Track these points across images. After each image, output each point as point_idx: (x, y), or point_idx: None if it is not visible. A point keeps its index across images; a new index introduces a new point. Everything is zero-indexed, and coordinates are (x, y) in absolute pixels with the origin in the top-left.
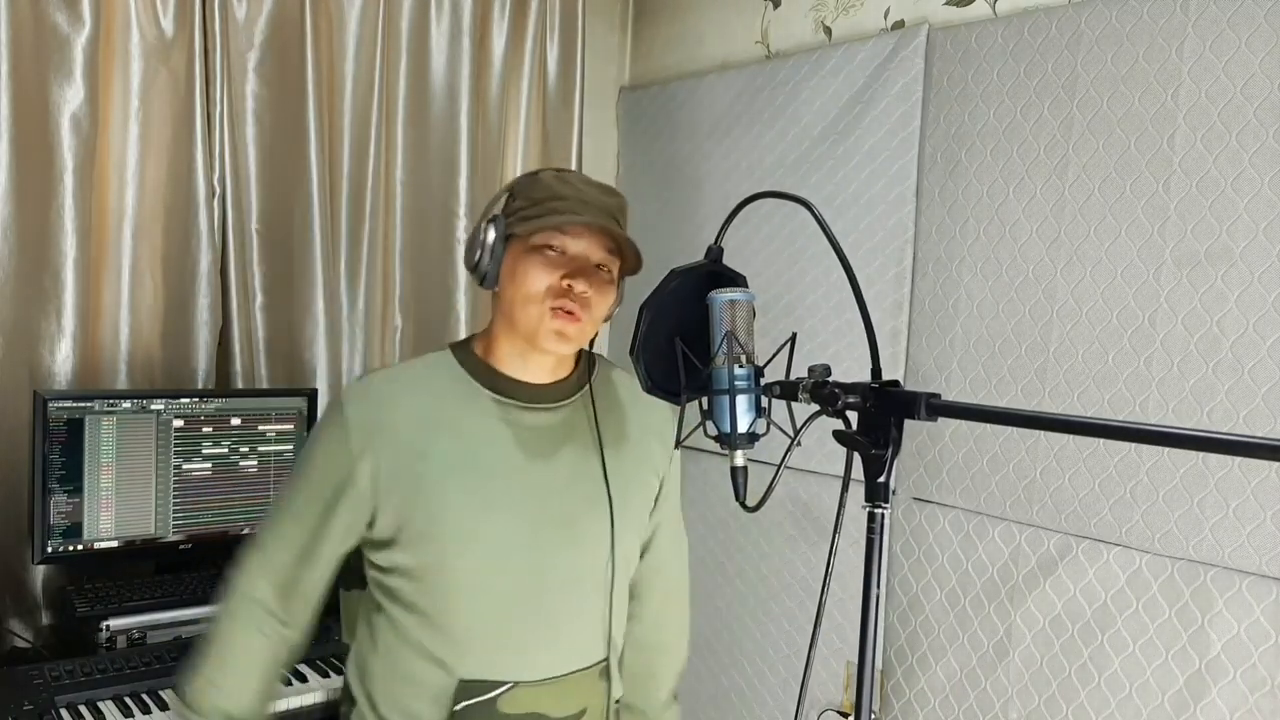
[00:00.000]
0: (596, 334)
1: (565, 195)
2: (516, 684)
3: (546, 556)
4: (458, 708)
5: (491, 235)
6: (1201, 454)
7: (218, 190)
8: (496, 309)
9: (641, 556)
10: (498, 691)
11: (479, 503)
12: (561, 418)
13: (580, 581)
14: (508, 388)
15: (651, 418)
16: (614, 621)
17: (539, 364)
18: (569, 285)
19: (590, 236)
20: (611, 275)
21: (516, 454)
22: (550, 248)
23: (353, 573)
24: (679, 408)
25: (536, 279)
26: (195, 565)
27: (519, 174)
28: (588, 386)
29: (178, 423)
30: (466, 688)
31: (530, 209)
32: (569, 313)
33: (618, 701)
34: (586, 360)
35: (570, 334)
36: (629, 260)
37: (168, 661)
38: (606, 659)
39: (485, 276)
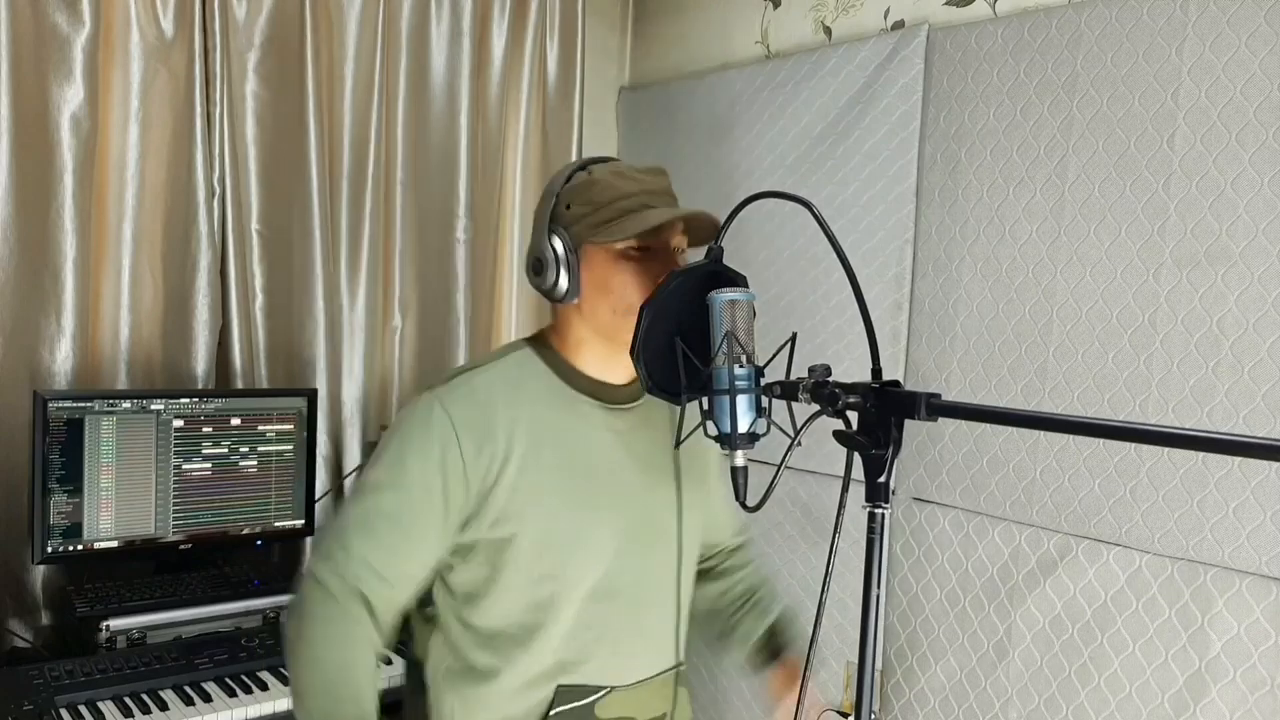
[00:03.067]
0: None
1: (631, 192)
2: (613, 689)
3: (635, 559)
4: (553, 713)
5: (561, 249)
6: (1201, 454)
7: (218, 190)
8: (578, 317)
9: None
10: (595, 697)
11: (586, 510)
12: (640, 417)
13: (660, 584)
14: (599, 391)
15: None
16: (681, 623)
17: (626, 366)
18: None
19: (670, 226)
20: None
21: (611, 457)
22: (633, 250)
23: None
24: (680, 407)
25: (633, 290)
26: (195, 565)
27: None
28: None
29: (178, 423)
30: (564, 693)
31: (600, 214)
32: None
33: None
34: None
35: None
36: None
37: (168, 661)
38: (681, 663)
39: (566, 292)
